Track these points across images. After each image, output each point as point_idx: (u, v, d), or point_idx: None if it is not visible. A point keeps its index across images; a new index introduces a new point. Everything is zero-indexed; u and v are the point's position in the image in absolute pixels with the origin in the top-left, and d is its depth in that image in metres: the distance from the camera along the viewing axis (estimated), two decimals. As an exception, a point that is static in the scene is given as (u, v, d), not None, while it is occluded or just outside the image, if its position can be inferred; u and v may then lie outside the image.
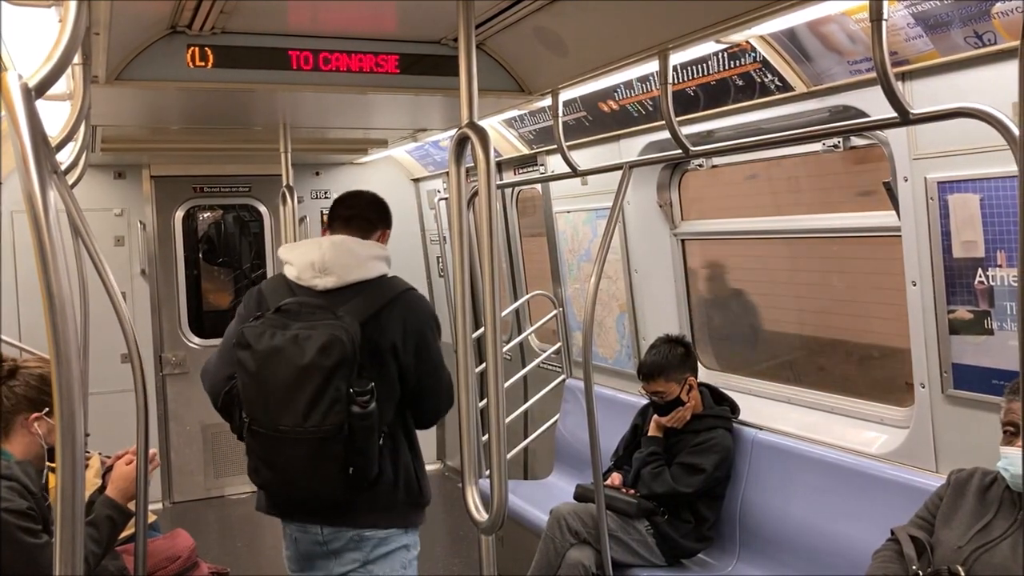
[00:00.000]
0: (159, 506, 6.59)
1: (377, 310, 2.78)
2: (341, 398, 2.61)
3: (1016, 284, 2.73)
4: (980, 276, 2.86)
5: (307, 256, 2.84)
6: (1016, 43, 2.45)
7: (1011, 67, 2.55)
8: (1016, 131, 1.82)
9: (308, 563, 2.93)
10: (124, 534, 3.08)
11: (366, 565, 2.82)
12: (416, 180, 7.29)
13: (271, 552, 5.90)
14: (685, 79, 3.60)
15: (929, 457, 3.16)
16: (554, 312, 5.60)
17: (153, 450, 3.17)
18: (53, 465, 2.88)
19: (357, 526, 2.81)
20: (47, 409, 2.85)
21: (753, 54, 3.23)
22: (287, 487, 2.81)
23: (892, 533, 2.77)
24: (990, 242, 2.81)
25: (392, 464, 2.81)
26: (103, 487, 3.11)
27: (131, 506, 2.92)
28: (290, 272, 2.88)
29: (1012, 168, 2.61)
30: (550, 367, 5.71)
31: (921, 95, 2.85)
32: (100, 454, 3.50)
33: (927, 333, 3.08)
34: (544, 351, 5.73)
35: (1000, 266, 2.80)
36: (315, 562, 2.90)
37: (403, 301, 2.84)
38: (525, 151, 5.32)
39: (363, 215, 3.08)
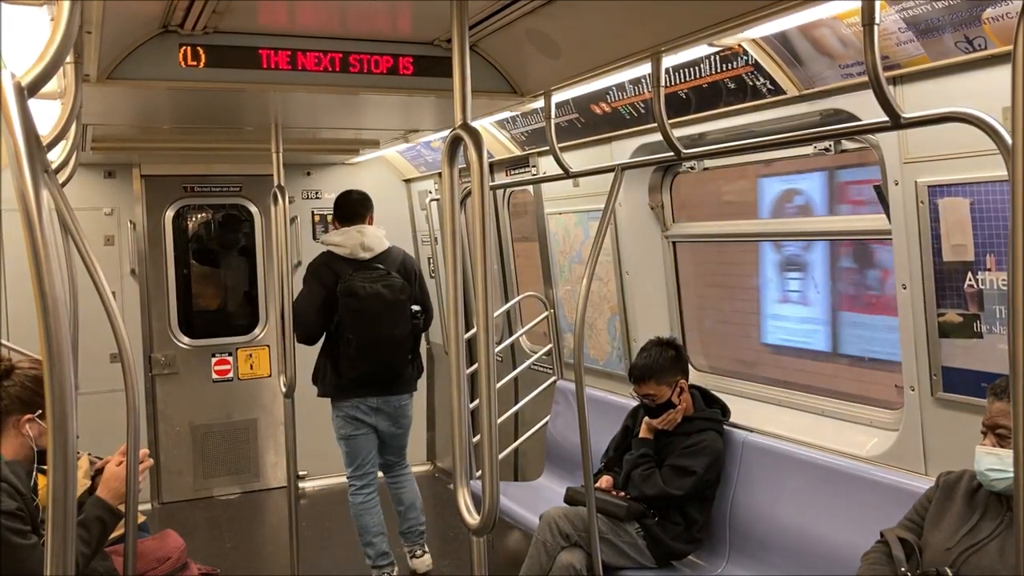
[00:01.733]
0: (148, 506, 6.55)
1: (399, 266, 4.86)
2: (409, 317, 4.78)
3: (1005, 287, 2.74)
4: (970, 280, 2.87)
5: (354, 240, 4.78)
6: (1007, 48, 2.46)
7: (1001, 72, 2.56)
8: (1006, 136, 1.83)
9: (383, 417, 4.94)
10: (114, 535, 3.07)
11: (401, 420, 5.01)
12: (408, 181, 7.28)
13: (260, 552, 5.90)
14: (677, 82, 3.61)
15: (918, 460, 3.18)
16: (545, 314, 5.60)
17: (145, 450, 3.16)
18: (43, 467, 2.87)
19: (411, 391, 5.02)
20: (39, 411, 2.84)
21: (745, 57, 3.24)
22: (383, 372, 4.78)
23: (881, 535, 2.78)
24: (980, 246, 2.83)
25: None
26: (92, 488, 3.10)
27: (122, 507, 2.91)
28: (341, 251, 4.76)
29: (1002, 172, 2.62)
30: (541, 368, 5.71)
31: (912, 99, 2.86)
32: (90, 454, 3.49)
33: (917, 336, 3.09)
34: (535, 352, 5.73)
35: (989, 270, 2.82)
36: (391, 415, 4.95)
37: (406, 258, 5.02)
38: (517, 152, 5.33)
39: (360, 212, 4.94)
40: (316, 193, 7.20)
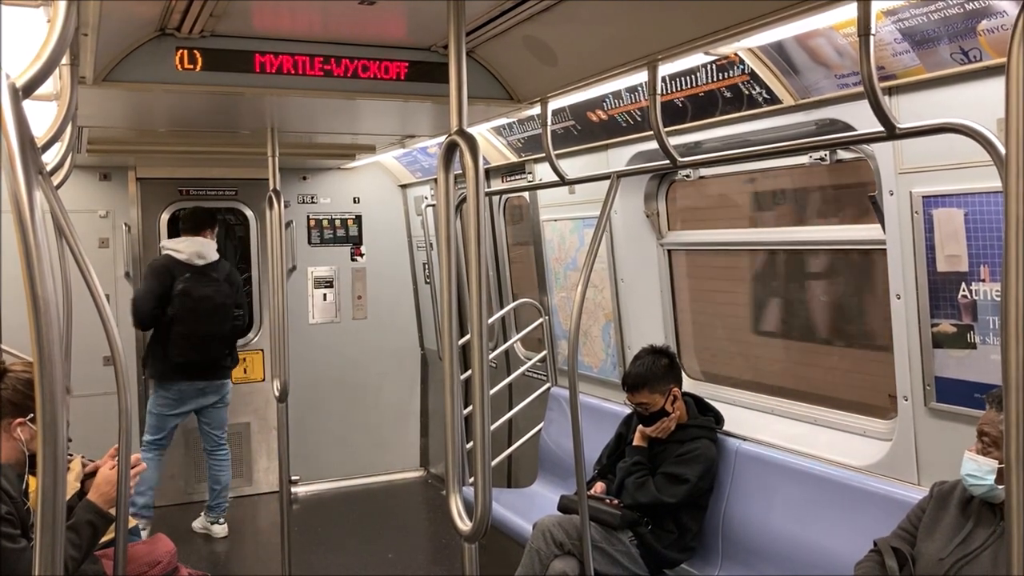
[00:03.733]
0: (140, 501, 6.53)
1: (227, 275, 5.90)
2: (232, 318, 5.85)
3: (999, 298, 2.75)
4: (964, 290, 2.88)
5: (192, 248, 5.76)
6: (1002, 60, 2.47)
7: (996, 84, 2.57)
8: (1001, 147, 1.84)
9: (208, 396, 5.92)
10: (104, 538, 3.05)
11: (224, 397, 6.01)
12: (403, 186, 7.29)
13: (251, 557, 5.87)
14: (673, 90, 3.62)
15: (911, 469, 3.18)
16: (540, 320, 5.60)
17: (137, 455, 3.15)
18: (35, 471, 2.85)
19: (226, 378, 6.01)
20: (31, 415, 2.83)
21: (741, 66, 3.25)
22: (205, 361, 5.77)
23: (874, 544, 2.79)
24: (974, 257, 2.83)
25: None
26: (83, 491, 3.09)
27: (113, 511, 2.89)
28: (180, 256, 5.71)
29: (996, 184, 2.64)
30: (535, 375, 5.70)
31: (907, 110, 2.87)
32: (83, 457, 3.47)
33: (911, 346, 3.10)
34: (529, 359, 5.73)
35: (983, 281, 2.82)
36: (214, 394, 5.95)
37: (232, 269, 6.06)
38: (513, 159, 5.33)
39: (203, 226, 5.90)
40: (312, 198, 7.20)
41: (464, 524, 1.92)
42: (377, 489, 7.24)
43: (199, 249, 5.79)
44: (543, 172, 5.17)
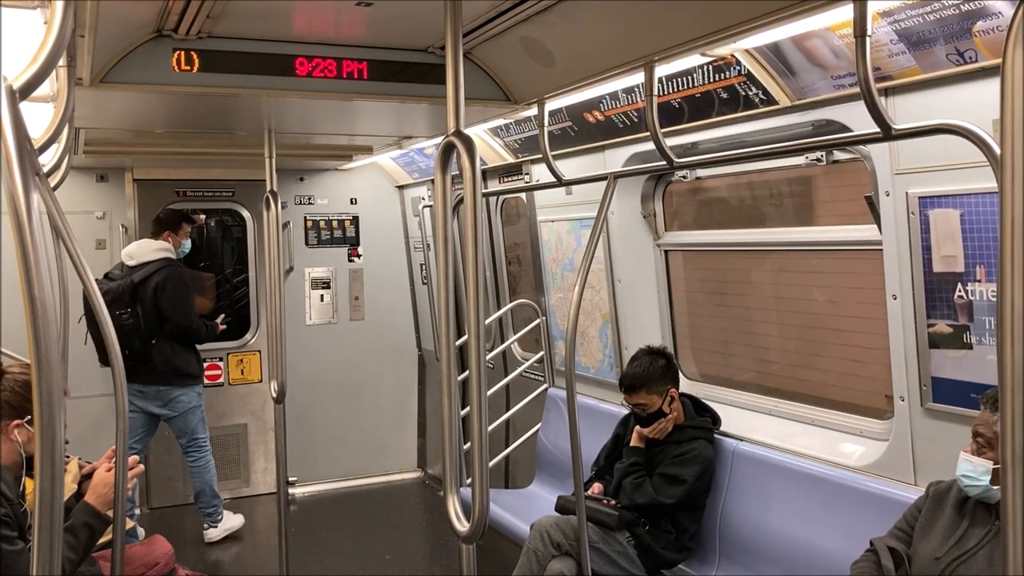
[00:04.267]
0: (137, 512, 6.52)
1: (151, 274, 5.63)
2: (118, 316, 5.51)
3: (995, 299, 2.75)
4: (960, 291, 2.89)
5: (130, 249, 5.80)
6: (997, 61, 2.48)
7: (992, 85, 2.58)
8: (996, 148, 1.85)
9: (142, 402, 5.66)
10: (101, 540, 3.05)
11: (169, 404, 5.80)
12: (401, 187, 7.29)
13: (248, 558, 5.87)
14: (670, 91, 3.62)
15: (908, 469, 3.19)
16: (537, 321, 5.60)
17: (135, 457, 3.14)
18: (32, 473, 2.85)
19: (159, 384, 5.74)
20: (28, 417, 2.82)
21: (738, 67, 3.26)
22: (124, 362, 5.75)
23: (871, 544, 2.79)
24: (970, 257, 2.84)
25: None
26: (80, 493, 3.08)
27: (110, 513, 2.89)
28: (123, 256, 5.79)
29: (992, 184, 2.64)
30: (532, 376, 5.71)
31: (903, 111, 2.88)
32: (80, 459, 3.47)
33: (907, 346, 3.10)
34: (527, 360, 5.73)
35: (979, 281, 2.83)
36: (147, 402, 5.72)
37: (171, 271, 5.68)
38: (510, 160, 5.33)
39: (160, 228, 5.88)
40: (309, 199, 7.20)
41: (462, 525, 1.92)
42: (375, 490, 7.24)
43: (132, 249, 5.80)
44: (540, 173, 5.17)
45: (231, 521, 6.08)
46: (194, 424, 5.89)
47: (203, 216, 6.72)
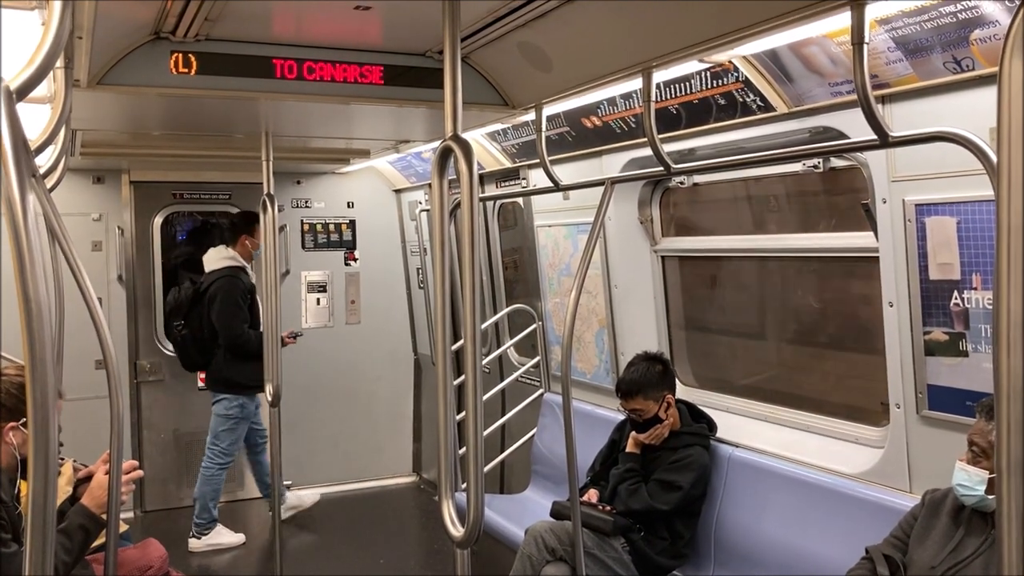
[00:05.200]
0: (131, 515, 6.51)
1: (205, 286, 5.84)
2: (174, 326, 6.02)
3: (991, 306, 2.76)
4: (956, 298, 2.89)
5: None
6: (994, 69, 2.49)
7: (989, 93, 2.58)
8: (993, 156, 1.85)
9: None
10: (96, 543, 3.04)
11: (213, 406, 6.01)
12: (398, 191, 7.28)
13: (243, 562, 5.85)
14: (668, 97, 3.62)
15: (903, 477, 3.19)
16: (533, 326, 5.60)
17: (133, 462, 3.13)
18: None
19: (209, 388, 6.04)
20: (23, 419, 2.81)
21: (735, 74, 3.26)
22: None
23: (866, 552, 2.79)
24: (966, 265, 2.84)
25: None
26: (75, 496, 3.07)
27: (105, 516, 2.88)
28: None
29: (988, 192, 2.65)
30: (528, 381, 5.70)
31: (900, 118, 2.88)
32: (75, 461, 3.46)
33: (903, 354, 3.11)
34: (523, 365, 5.72)
35: (976, 289, 2.83)
36: None
37: (218, 281, 5.78)
38: (508, 165, 5.34)
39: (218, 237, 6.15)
40: (306, 202, 7.19)
41: (456, 530, 1.91)
42: (370, 494, 7.22)
43: (205, 258, 5.99)
44: (537, 178, 5.17)
45: (223, 537, 5.95)
46: (218, 431, 5.92)
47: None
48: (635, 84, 3.28)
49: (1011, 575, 1.06)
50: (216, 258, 5.88)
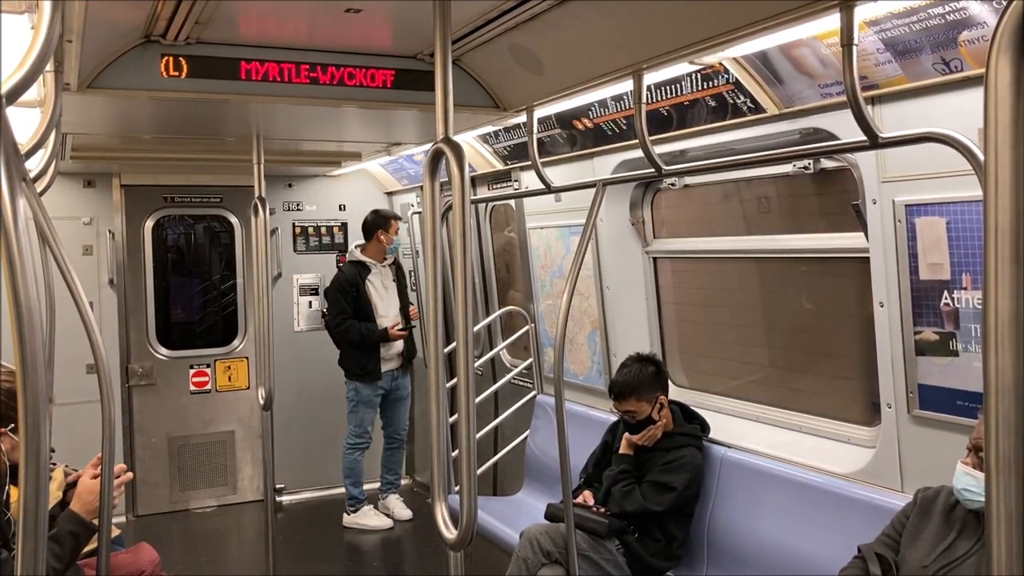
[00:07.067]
0: (123, 519, 6.48)
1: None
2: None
3: (981, 306, 2.77)
4: (946, 298, 2.90)
5: None
6: (982, 71, 2.50)
7: (977, 94, 2.59)
8: (981, 156, 1.86)
9: None
10: (87, 548, 3.03)
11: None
12: (390, 193, 7.28)
13: (235, 566, 5.84)
14: (659, 99, 3.63)
15: (895, 476, 3.20)
16: (526, 328, 5.60)
17: (122, 465, 3.12)
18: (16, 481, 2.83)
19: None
20: (13, 425, 2.80)
21: (726, 76, 3.27)
22: None
23: (859, 551, 2.80)
24: (956, 265, 2.86)
25: None
26: (65, 501, 3.06)
27: (96, 521, 2.87)
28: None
29: (977, 192, 2.65)
30: (521, 383, 5.70)
31: (890, 119, 2.89)
32: (66, 466, 3.44)
33: (894, 354, 3.12)
34: (515, 366, 5.72)
35: (965, 288, 2.85)
36: None
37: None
38: (499, 167, 5.34)
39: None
40: (297, 205, 7.18)
41: (450, 532, 1.91)
42: (363, 497, 7.20)
43: None
44: (529, 180, 5.18)
45: (369, 520, 6.27)
46: (347, 413, 6.34)
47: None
48: (626, 86, 3.28)
49: (1001, 575, 1.06)
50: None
